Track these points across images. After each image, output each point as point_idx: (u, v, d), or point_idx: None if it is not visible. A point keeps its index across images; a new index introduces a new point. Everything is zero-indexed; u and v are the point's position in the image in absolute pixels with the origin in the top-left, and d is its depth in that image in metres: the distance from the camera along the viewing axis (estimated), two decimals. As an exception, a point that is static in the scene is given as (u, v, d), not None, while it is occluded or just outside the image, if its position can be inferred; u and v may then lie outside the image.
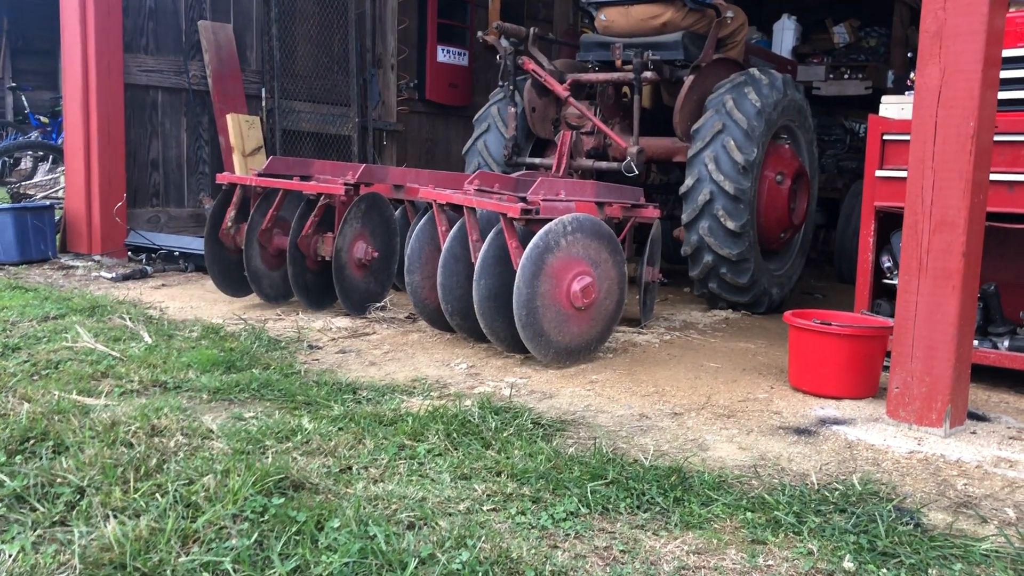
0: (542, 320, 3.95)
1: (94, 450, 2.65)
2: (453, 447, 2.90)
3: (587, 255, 4.11)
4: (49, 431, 2.80)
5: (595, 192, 4.75)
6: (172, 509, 2.29)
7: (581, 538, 2.30)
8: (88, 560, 2.02)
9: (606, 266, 4.21)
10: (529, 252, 3.91)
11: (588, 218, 4.15)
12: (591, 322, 4.19)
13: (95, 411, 3.04)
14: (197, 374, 3.65)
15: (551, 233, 3.96)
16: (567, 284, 4.04)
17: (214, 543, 2.14)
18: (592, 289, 4.10)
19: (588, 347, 4.22)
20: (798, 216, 6.24)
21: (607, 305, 4.26)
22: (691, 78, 6.03)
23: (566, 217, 4.05)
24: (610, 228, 4.31)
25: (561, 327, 4.04)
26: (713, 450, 3.07)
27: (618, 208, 4.86)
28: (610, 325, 4.33)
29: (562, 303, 4.03)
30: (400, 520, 2.32)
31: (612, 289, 4.26)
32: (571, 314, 4.07)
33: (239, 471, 2.51)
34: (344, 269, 5.10)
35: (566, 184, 4.61)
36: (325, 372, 3.89)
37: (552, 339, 4.02)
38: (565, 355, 4.12)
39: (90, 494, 2.38)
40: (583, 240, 4.09)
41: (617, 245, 4.29)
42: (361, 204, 5.10)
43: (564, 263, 4.02)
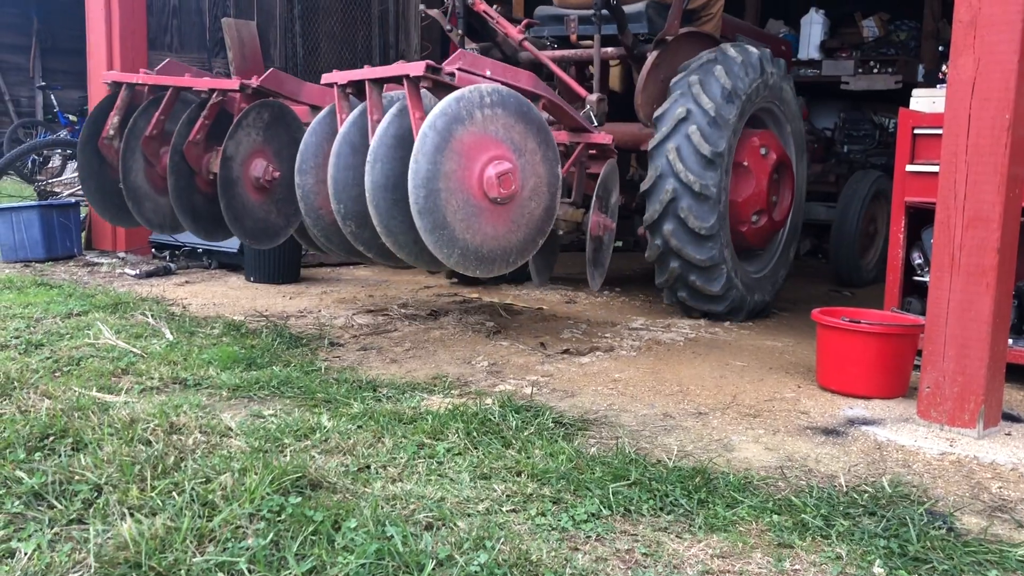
0: (445, 208, 3.24)
1: (112, 447, 2.64)
2: (473, 446, 2.86)
3: (509, 138, 3.41)
4: (68, 428, 2.79)
5: (532, 83, 3.96)
6: (188, 508, 2.27)
7: (602, 540, 2.25)
8: (104, 559, 2.00)
9: (533, 158, 3.50)
10: (434, 119, 3.22)
11: (514, 94, 3.48)
12: (511, 224, 3.47)
13: (114, 408, 3.04)
14: (217, 371, 3.64)
15: (464, 101, 3.29)
16: (480, 167, 3.34)
17: (230, 543, 2.11)
18: (512, 178, 3.37)
19: (506, 256, 3.50)
20: (781, 211, 5.60)
21: (532, 208, 3.53)
22: (655, 54, 5.23)
23: (485, 86, 3.39)
24: (543, 117, 3.61)
25: (470, 222, 3.33)
26: (739, 451, 3.01)
27: (559, 132, 4.23)
28: (536, 237, 3.60)
29: (472, 190, 3.33)
30: (418, 521, 2.29)
31: (540, 189, 3.55)
32: (484, 207, 3.36)
33: (256, 469, 2.48)
34: (234, 185, 4.22)
35: (494, 65, 3.81)
36: (346, 369, 3.87)
37: (457, 235, 3.30)
38: (475, 260, 3.39)
39: (107, 492, 2.36)
40: (505, 119, 3.40)
41: (549, 138, 3.59)
42: (263, 113, 4.29)
43: (478, 141, 3.32)
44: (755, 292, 5.38)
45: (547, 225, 3.64)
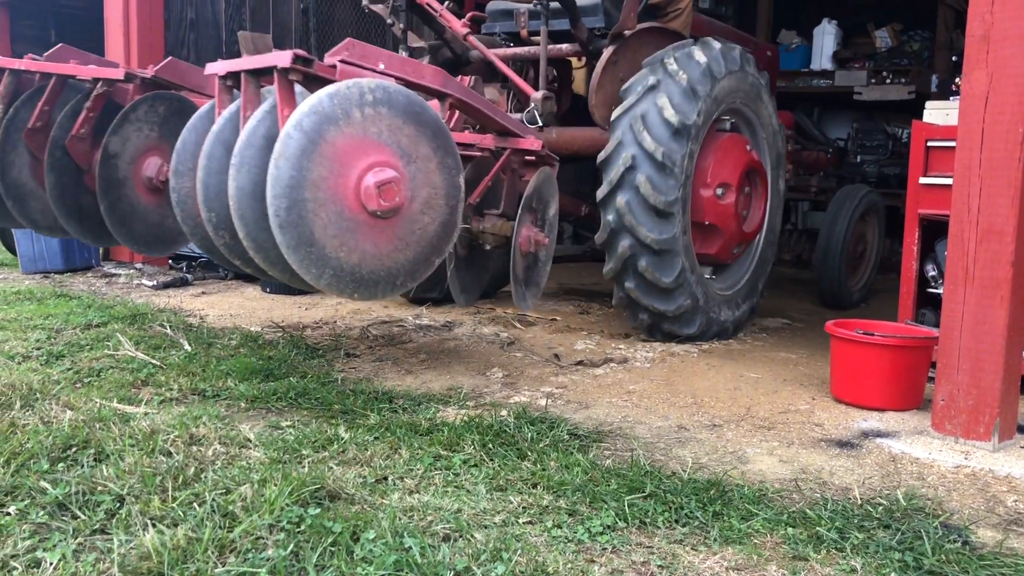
0: (312, 221, 2.83)
1: (134, 458, 2.68)
2: (489, 458, 2.89)
3: (395, 142, 2.98)
4: (90, 439, 2.83)
5: (439, 80, 3.46)
6: (209, 518, 2.30)
7: (618, 553, 2.27)
8: (127, 569, 2.03)
9: (426, 166, 3.07)
10: (300, 118, 2.80)
11: (404, 92, 3.04)
12: (396, 241, 3.04)
13: (135, 419, 3.08)
14: (235, 382, 3.68)
15: (339, 98, 2.87)
16: (358, 175, 2.92)
17: (250, 553, 2.14)
18: (397, 189, 2.95)
19: (392, 278, 3.08)
20: (752, 223, 5.18)
21: (424, 223, 3.09)
22: (610, 50, 4.81)
23: (368, 81, 2.95)
24: (440, 119, 3.15)
25: (345, 238, 2.92)
26: (753, 463, 3.02)
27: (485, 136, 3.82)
28: (430, 256, 3.16)
29: (347, 202, 2.91)
30: (435, 532, 2.31)
31: (434, 202, 3.12)
32: (362, 221, 2.95)
33: (276, 481, 2.52)
34: (120, 186, 3.82)
35: (391, 58, 3.37)
36: (362, 380, 3.90)
37: (329, 253, 2.89)
38: (352, 282, 2.98)
39: (129, 502, 2.40)
40: (391, 119, 2.97)
41: (448, 143, 3.15)
42: (158, 106, 3.90)
43: (355, 144, 2.90)
44: (722, 308, 4.99)
45: (445, 243, 3.21)
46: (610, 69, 4.84)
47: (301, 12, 8.31)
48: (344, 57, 3.17)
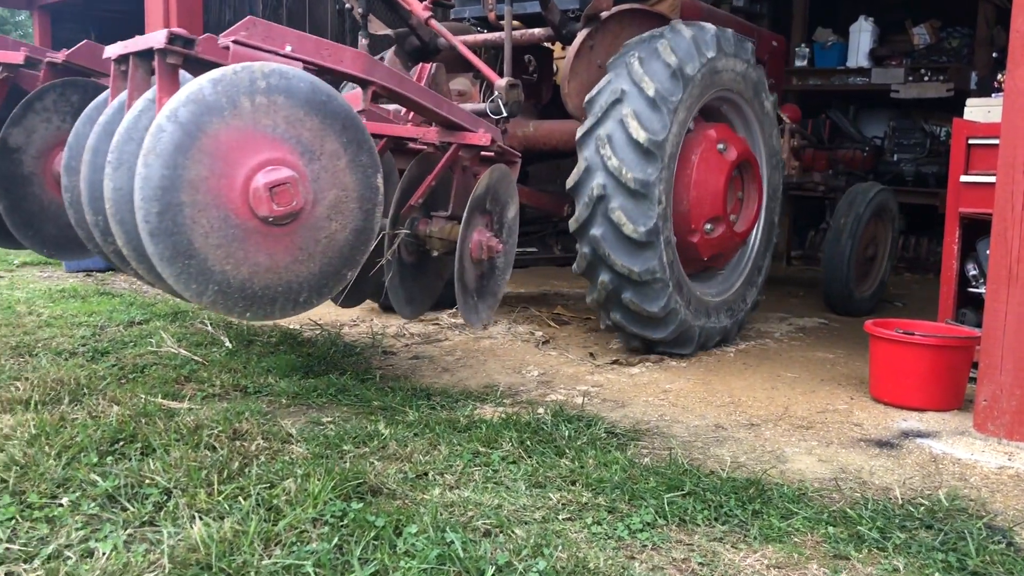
0: (191, 229, 2.43)
1: (179, 452, 2.73)
2: (527, 455, 2.91)
3: (294, 137, 2.58)
4: (137, 433, 2.89)
5: (362, 65, 3.02)
6: (255, 512, 2.34)
7: (658, 550, 2.28)
8: (176, 560, 2.07)
9: (334, 164, 2.66)
10: (174, 108, 2.41)
11: (307, 78, 2.62)
12: (297, 252, 2.64)
13: (180, 414, 3.13)
14: (276, 379, 3.73)
15: (224, 84, 2.47)
16: (246, 175, 2.51)
17: (295, 546, 2.18)
18: (294, 192, 2.55)
19: (293, 295, 2.69)
20: (744, 221, 4.82)
21: (332, 230, 2.69)
22: (584, 34, 4.43)
23: (261, 65, 2.54)
24: (352, 110, 2.73)
25: (231, 248, 2.52)
26: (792, 462, 3.01)
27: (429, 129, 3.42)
28: (342, 268, 2.77)
29: (233, 206, 2.50)
30: (476, 527, 2.34)
31: (345, 206, 2.71)
32: (253, 229, 2.54)
33: (319, 475, 2.55)
34: (26, 183, 3.45)
35: (304, 39, 2.97)
36: (399, 378, 3.94)
37: (212, 266, 2.49)
38: (242, 299, 2.58)
39: (176, 495, 2.45)
40: (289, 110, 2.57)
41: (363, 137, 2.73)
42: (70, 93, 3.50)
43: (244, 139, 2.50)
44: (710, 317, 4.64)
45: (360, 253, 2.80)
46: (585, 55, 4.47)
47: (338, 13, 8.38)
48: (240, 37, 2.77)
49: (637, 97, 4.15)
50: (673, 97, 4.18)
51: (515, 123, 4.77)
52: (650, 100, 4.13)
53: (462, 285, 3.37)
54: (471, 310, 3.47)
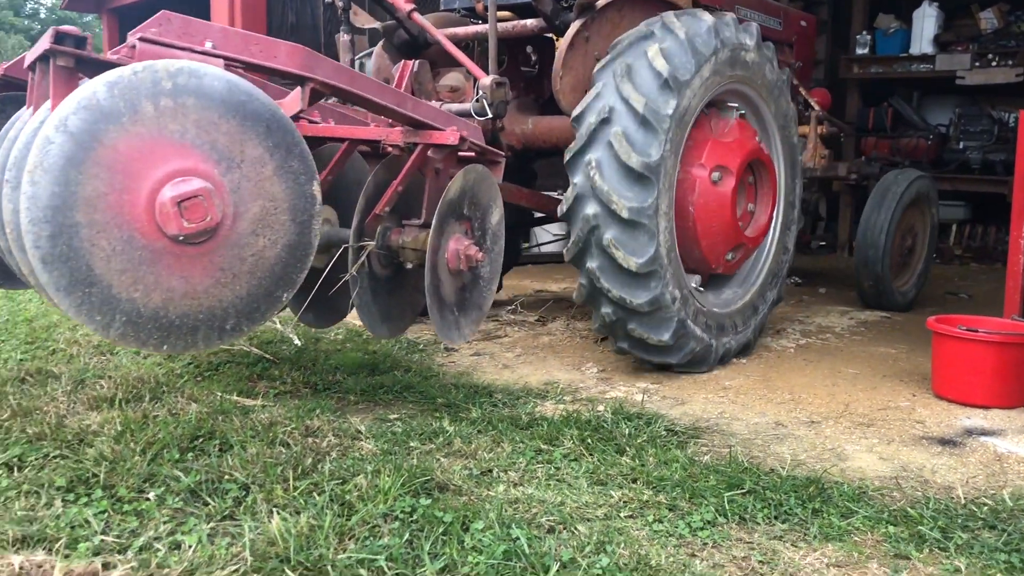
0: (89, 254, 2.17)
1: (255, 449, 2.86)
2: (588, 452, 2.97)
3: (208, 143, 2.30)
4: (215, 430, 3.03)
5: (298, 61, 2.67)
6: (329, 507, 2.45)
7: (719, 548, 2.33)
8: (257, 553, 2.19)
9: (257, 172, 2.37)
10: (64, 115, 2.15)
11: (222, 77, 2.33)
12: (218, 274, 2.35)
13: (254, 412, 3.27)
14: (344, 376, 3.85)
15: (122, 86, 2.20)
16: (150, 189, 2.23)
17: (368, 540, 2.29)
18: (208, 205, 2.26)
19: (217, 323, 2.39)
20: (757, 225, 4.47)
21: (260, 247, 2.40)
22: (577, 25, 4.10)
23: (165, 63, 2.26)
24: (278, 111, 2.42)
25: (139, 272, 2.23)
26: (852, 460, 3.02)
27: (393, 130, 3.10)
28: (275, 289, 2.46)
29: (138, 225, 2.22)
30: (540, 524, 2.41)
31: (273, 219, 2.41)
32: (163, 250, 2.25)
33: (388, 472, 2.66)
34: None
35: (228, 35, 2.68)
36: (461, 375, 4.04)
37: (118, 294, 2.22)
38: (157, 331, 2.29)
39: (254, 491, 2.57)
40: (201, 113, 2.29)
41: (293, 142, 2.42)
42: (8, 108, 3.26)
43: (147, 148, 2.23)
44: (725, 332, 4.29)
45: (296, 271, 2.48)
46: (580, 47, 4.13)
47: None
48: (149, 34, 2.50)
49: (626, 115, 3.78)
50: (666, 111, 3.79)
51: (513, 119, 4.58)
52: (640, 119, 3.76)
53: (437, 299, 3.06)
54: (450, 326, 3.15)
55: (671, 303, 3.89)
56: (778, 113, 4.60)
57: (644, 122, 3.76)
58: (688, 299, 4.03)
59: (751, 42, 4.24)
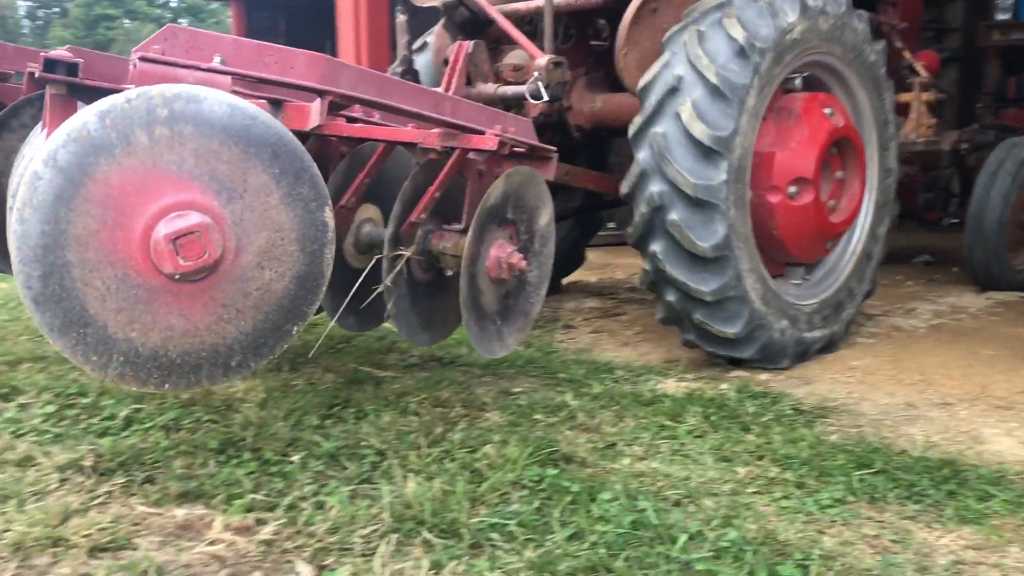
0: (83, 294, 2.10)
1: (389, 417, 2.99)
2: (712, 429, 2.98)
3: (207, 173, 2.17)
4: (350, 399, 3.18)
5: (317, 72, 2.52)
6: (460, 474, 2.55)
7: (848, 525, 2.31)
8: (395, 514, 2.31)
9: (262, 202, 2.23)
10: (54, 148, 2.06)
11: (222, 100, 2.19)
12: (220, 310, 2.23)
13: (386, 383, 3.42)
14: (467, 350, 3.96)
15: (114, 115, 2.09)
16: (144, 224, 2.12)
17: (499, 507, 2.37)
18: (205, 240, 2.13)
19: (221, 360, 2.27)
20: (844, 209, 4.08)
21: (266, 280, 2.26)
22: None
23: (160, 89, 2.13)
24: (286, 133, 2.27)
25: (135, 312, 2.15)
26: (990, 443, 2.93)
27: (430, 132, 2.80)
28: (284, 323, 2.32)
29: (132, 262, 2.13)
30: (667, 497, 2.45)
31: (281, 250, 2.27)
32: (159, 288, 2.15)
33: (515, 442, 2.74)
34: None
35: (240, 47, 2.53)
36: (581, 351, 4.09)
37: (114, 334, 2.14)
38: (157, 370, 2.20)
39: (389, 457, 2.69)
40: (199, 141, 2.16)
41: (302, 167, 2.27)
42: None
43: (141, 181, 2.12)
44: (806, 326, 3.94)
45: (307, 303, 2.33)
46: (646, 20, 3.91)
47: None
48: (150, 52, 2.36)
49: (696, 85, 3.54)
50: (742, 81, 3.53)
51: (581, 97, 4.36)
52: (712, 89, 3.52)
53: (475, 310, 2.89)
54: (491, 337, 2.98)
55: (742, 292, 3.61)
56: (871, 89, 4.23)
57: (716, 92, 3.51)
58: (763, 288, 3.73)
59: (840, 8, 3.91)
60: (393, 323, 3.02)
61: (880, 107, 4.30)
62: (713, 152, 3.49)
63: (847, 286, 4.20)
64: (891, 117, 4.39)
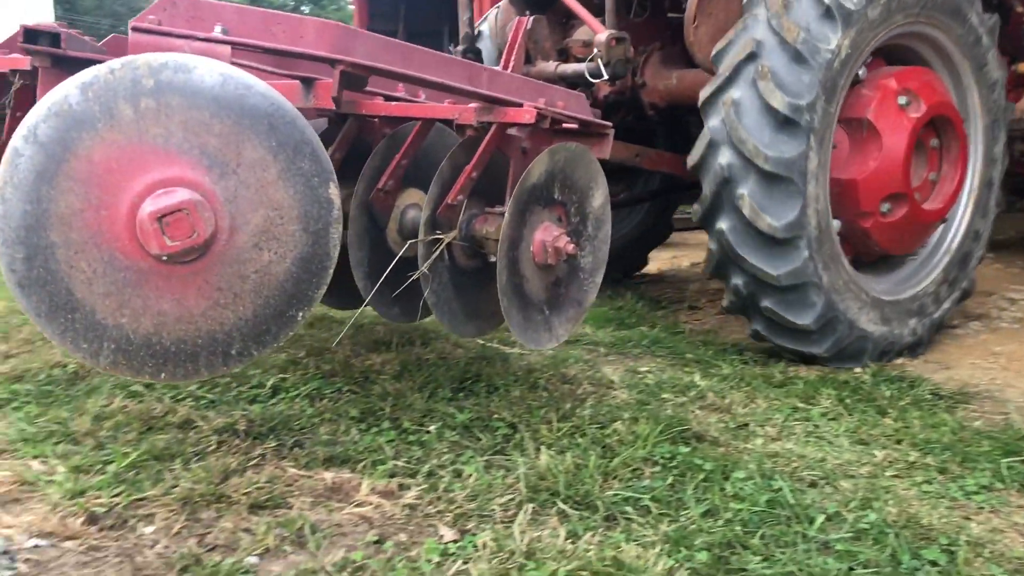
0: (68, 276, 1.99)
1: (519, 392, 3.06)
2: (847, 412, 2.93)
3: (197, 147, 2.02)
4: (481, 373, 3.26)
5: (328, 40, 2.36)
6: (591, 448, 2.59)
7: (997, 512, 2.24)
8: (530, 485, 2.37)
9: (258, 177, 2.07)
10: (34, 123, 1.95)
11: (215, 69, 2.03)
12: (216, 294, 2.08)
13: (513, 358, 3.49)
14: (593, 329, 4.00)
15: (96, 88, 1.96)
16: (130, 202, 1.98)
17: (632, 481, 2.40)
18: (193, 219, 1.98)
19: (220, 348, 2.11)
20: (940, 197, 3.71)
21: (265, 262, 2.10)
22: None
23: (146, 59, 1.99)
24: (283, 104, 2.09)
25: (124, 296, 2.02)
26: None
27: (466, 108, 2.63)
28: (287, 308, 2.15)
29: (119, 243, 1.99)
30: (802, 477, 2.43)
31: (280, 230, 2.10)
32: (149, 270, 2.02)
33: (645, 420, 2.76)
34: None
35: (244, 14, 2.40)
36: (708, 332, 4.06)
37: (103, 320, 2.02)
38: (151, 358, 2.07)
39: (521, 429, 2.76)
40: (188, 113, 2.01)
41: (303, 139, 2.09)
42: None
43: (125, 156, 1.98)
44: (890, 323, 3.58)
45: (312, 287, 2.15)
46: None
47: None
48: (146, 22, 2.22)
49: (776, 49, 3.28)
50: (826, 45, 3.26)
51: (656, 74, 4.12)
52: (793, 53, 3.25)
53: (517, 299, 2.66)
54: (537, 327, 2.75)
55: (817, 279, 3.32)
56: (976, 65, 3.82)
57: (797, 57, 3.25)
58: (842, 278, 3.42)
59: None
60: (434, 313, 2.81)
61: (987, 80, 3.88)
62: (791, 122, 3.24)
63: (939, 285, 3.82)
64: (1001, 101, 3.97)
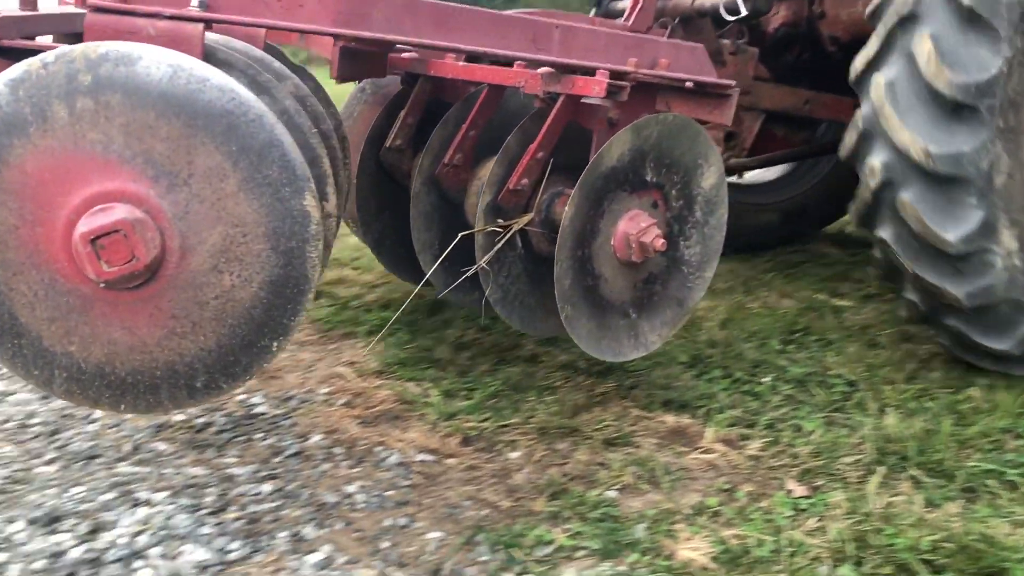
0: (9, 299, 1.80)
1: (854, 349, 2.97)
2: None
3: (141, 154, 1.74)
4: (810, 326, 3.20)
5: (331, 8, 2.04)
6: (943, 415, 2.46)
7: None
8: (877, 447, 2.30)
9: (215, 188, 1.76)
10: None
11: (164, 60, 1.72)
12: (170, 323, 1.83)
13: (844, 311, 3.36)
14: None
15: (28, 85, 1.70)
16: (66, 218, 1.73)
17: (992, 452, 2.26)
18: (132, 241, 1.71)
19: (182, 379, 1.89)
20: None
21: (226, 287, 1.81)
22: None
23: (85, 49, 1.70)
24: (249, 98, 1.76)
25: (70, 322, 1.82)
26: None
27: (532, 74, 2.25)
28: (257, 337, 1.86)
29: (58, 264, 1.77)
30: None
31: (244, 250, 1.80)
32: (93, 296, 1.80)
33: (1003, 388, 2.58)
34: None
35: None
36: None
37: (51, 347, 1.84)
38: (107, 389, 1.88)
39: (861, 388, 2.68)
40: (131, 114, 1.72)
41: (274, 143, 1.76)
42: None
43: (59, 165, 1.74)
44: None
45: (287, 313, 1.85)
46: None
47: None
48: (103, 1, 1.89)
49: (942, 11, 2.55)
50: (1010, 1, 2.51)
51: (838, 2, 3.52)
52: (965, 14, 2.52)
53: (586, 304, 2.31)
54: (618, 334, 2.39)
55: (1017, 296, 2.66)
56: None
57: (972, 18, 2.52)
58: None
59: None
60: (498, 310, 2.49)
61: None
62: (964, 108, 2.55)
63: None
64: None
